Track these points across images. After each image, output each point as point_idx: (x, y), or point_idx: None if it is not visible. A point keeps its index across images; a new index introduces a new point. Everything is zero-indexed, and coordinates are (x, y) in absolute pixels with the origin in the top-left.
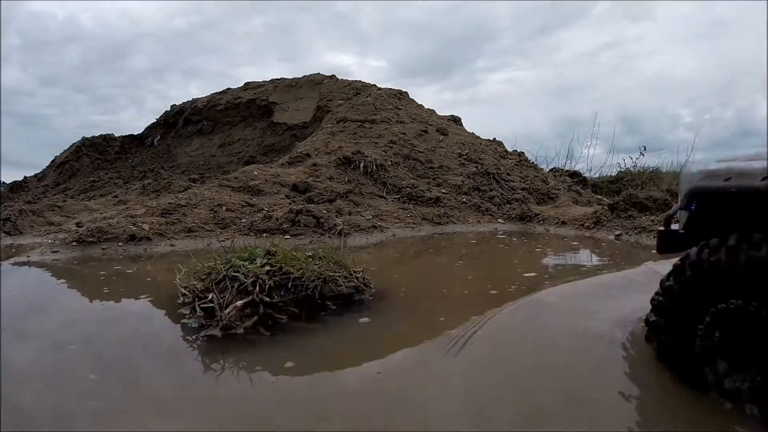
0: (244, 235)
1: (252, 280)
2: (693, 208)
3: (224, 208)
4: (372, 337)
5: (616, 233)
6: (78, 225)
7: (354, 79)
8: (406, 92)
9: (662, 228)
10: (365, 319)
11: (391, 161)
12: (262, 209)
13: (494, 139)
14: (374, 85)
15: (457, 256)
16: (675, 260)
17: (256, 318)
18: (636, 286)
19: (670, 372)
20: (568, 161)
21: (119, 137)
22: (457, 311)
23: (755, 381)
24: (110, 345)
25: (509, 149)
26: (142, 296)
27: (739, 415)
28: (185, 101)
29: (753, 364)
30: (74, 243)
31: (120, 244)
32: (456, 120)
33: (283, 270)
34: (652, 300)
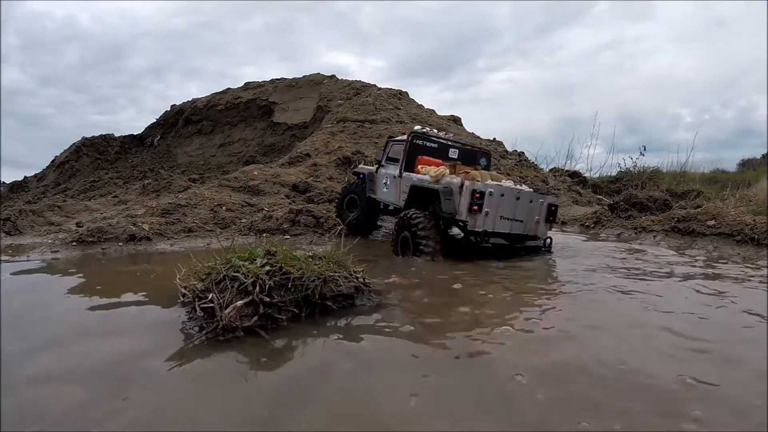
0: (244, 235)
1: (252, 280)
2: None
3: (224, 208)
4: None
5: (617, 233)
6: (78, 225)
7: (354, 79)
8: (406, 92)
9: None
10: None
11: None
12: (262, 209)
13: (494, 139)
14: (374, 85)
15: None
16: None
17: (256, 318)
18: None
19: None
20: (568, 161)
21: (119, 137)
22: None
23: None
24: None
25: (509, 149)
26: (141, 296)
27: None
28: (185, 101)
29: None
30: (74, 243)
31: (120, 244)
32: (456, 120)
33: (283, 270)
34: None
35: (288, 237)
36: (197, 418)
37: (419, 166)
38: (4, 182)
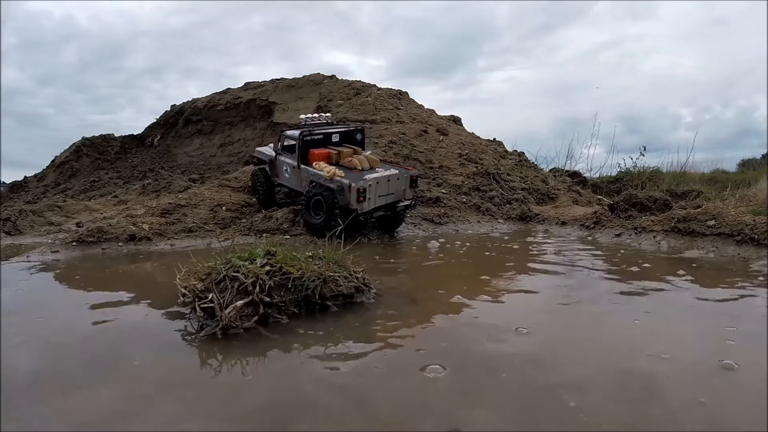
0: (244, 235)
1: (252, 280)
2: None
3: (224, 208)
4: None
5: (616, 233)
6: (78, 225)
7: (354, 79)
8: (406, 92)
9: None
10: None
11: (391, 161)
12: (262, 209)
13: (494, 139)
14: (374, 85)
15: None
16: None
17: (256, 318)
18: None
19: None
20: (568, 161)
21: (119, 137)
22: None
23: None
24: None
25: (509, 149)
26: (141, 296)
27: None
28: (185, 101)
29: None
30: (74, 243)
31: (120, 243)
32: (456, 120)
33: (283, 270)
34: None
35: (288, 237)
36: (195, 416)
37: (313, 163)
38: (4, 182)
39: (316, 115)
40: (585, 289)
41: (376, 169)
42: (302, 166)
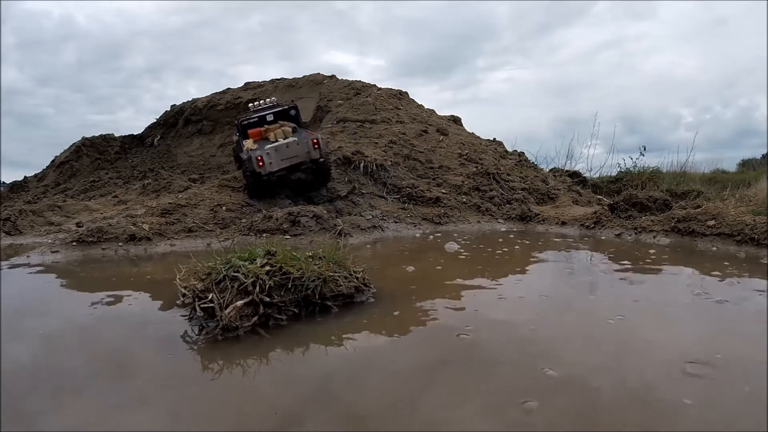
0: (244, 235)
1: (252, 280)
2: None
3: (224, 208)
4: None
5: (616, 233)
6: (78, 225)
7: (354, 79)
8: (406, 92)
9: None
10: None
11: (391, 161)
12: (262, 209)
13: (494, 139)
14: (374, 85)
15: None
16: None
17: (256, 318)
18: None
19: None
20: (568, 161)
21: (119, 137)
22: None
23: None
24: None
25: (509, 149)
26: (141, 296)
27: None
28: (185, 101)
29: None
30: (74, 243)
31: (120, 244)
32: (456, 120)
33: (283, 270)
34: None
35: (288, 237)
36: (196, 417)
37: (245, 140)
38: (4, 182)
39: (263, 100)
40: (588, 283)
41: (281, 138)
42: (242, 142)
